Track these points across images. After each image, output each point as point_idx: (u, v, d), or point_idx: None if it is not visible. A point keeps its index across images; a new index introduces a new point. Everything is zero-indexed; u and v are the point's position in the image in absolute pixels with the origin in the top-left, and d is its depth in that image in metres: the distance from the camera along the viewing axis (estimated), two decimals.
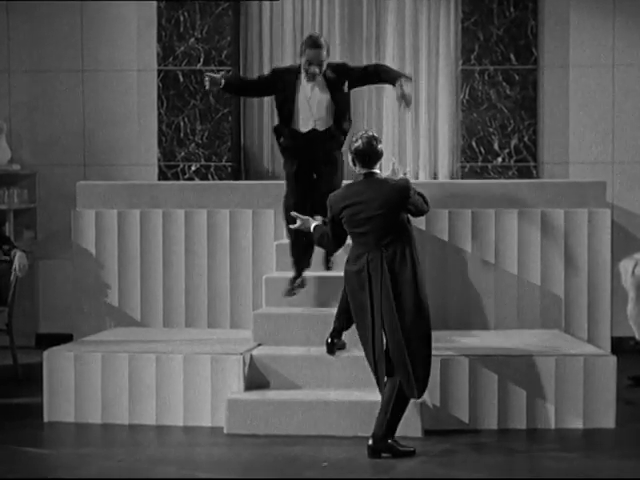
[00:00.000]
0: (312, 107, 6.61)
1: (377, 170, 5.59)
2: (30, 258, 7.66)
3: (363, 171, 5.56)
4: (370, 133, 5.61)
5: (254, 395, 5.87)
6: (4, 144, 8.96)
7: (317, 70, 6.50)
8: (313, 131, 6.60)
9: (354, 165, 5.60)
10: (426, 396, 5.91)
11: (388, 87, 8.99)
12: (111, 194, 7.98)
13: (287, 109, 6.62)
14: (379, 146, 5.57)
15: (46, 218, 9.09)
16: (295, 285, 6.79)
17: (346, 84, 6.62)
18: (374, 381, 5.62)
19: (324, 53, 6.52)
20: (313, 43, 6.49)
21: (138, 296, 7.83)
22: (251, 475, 5.17)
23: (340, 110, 6.64)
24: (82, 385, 6.25)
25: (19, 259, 7.35)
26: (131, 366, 6.21)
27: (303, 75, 6.58)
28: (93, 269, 7.89)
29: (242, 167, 9.19)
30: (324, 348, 6.24)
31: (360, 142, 5.53)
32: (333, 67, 6.63)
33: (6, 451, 5.65)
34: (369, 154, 5.52)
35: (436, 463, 5.38)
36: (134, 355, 6.24)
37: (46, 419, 6.30)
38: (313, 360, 6.22)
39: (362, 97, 9.08)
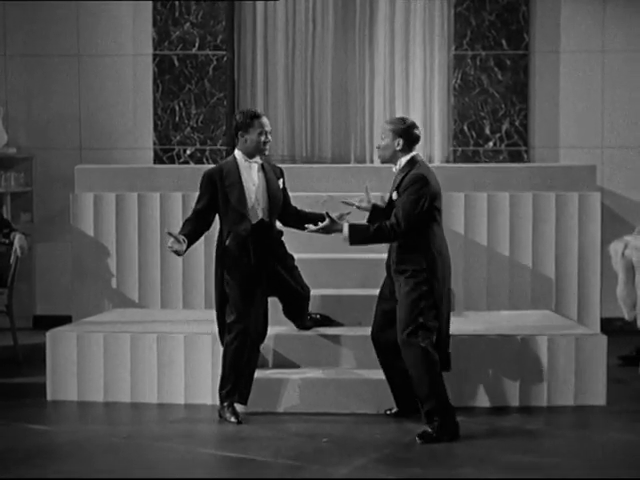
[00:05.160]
0: None
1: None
2: (29, 241, 7.75)
3: (412, 153, 5.67)
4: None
5: (254, 374, 5.97)
6: (1, 128, 9.02)
7: None
8: None
9: (405, 148, 5.64)
10: None
11: (379, 67, 9.20)
12: (109, 177, 8.09)
13: None
14: None
15: (43, 201, 9.17)
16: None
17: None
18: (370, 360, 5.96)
19: None
20: None
21: (136, 278, 7.97)
22: (253, 450, 5.29)
23: None
24: (84, 364, 6.37)
25: (19, 241, 7.44)
26: (133, 346, 6.34)
27: None
28: (92, 252, 8.01)
29: None
30: (321, 329, 6.43)
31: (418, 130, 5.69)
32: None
33: (12, 427, 5.79)
34: None
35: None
36: (136, 335, 6.36)
37: (49, 398, 6.41)
38: (311, 340, 6.34)
39: (354, 83, 9.19)
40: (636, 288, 7.16)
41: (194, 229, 5.91)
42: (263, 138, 5.89)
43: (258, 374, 6.01)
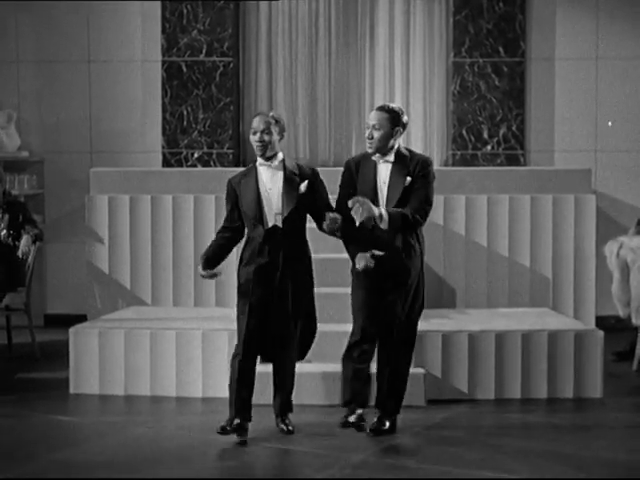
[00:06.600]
0: None
1: None
2: (37, 246, 7.87)
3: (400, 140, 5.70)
4: None
5: (267, 368, 6.23)
6: (13, 132, 9.29)
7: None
8: None
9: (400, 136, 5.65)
10: (429, 368, 6.41)
11: (379, 74, 9.51)
12: (123, 180, 8.38)
13: None
14: None
15: (54, 203, 9.43)
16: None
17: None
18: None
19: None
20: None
21: (149, 277, 8.25)
22: (272, 439, 5.58)
23: None
24: (106, 359, 6.66)
25: (24, 242, 7.59)
26: (152, 342, 6.62)
27: None
28: (106, 252, 8.29)
29: (242, 154, 9.58)
30: (327, 325, 6.70)
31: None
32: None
33: (37, 419, 6.07)
34: None
35: (438, 428, 5.87)
36: (155, 331, 6.65)
37: (72, 391, 6.70)
38: (322, 336, 6.54)
39: (355, 88, 9.48)
40: (630, 286, 7.48)
41: (224, 242, 5.69)
42: (253, 137, 5.63)
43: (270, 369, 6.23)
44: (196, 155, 9.31)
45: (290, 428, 5.71)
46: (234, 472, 5.14)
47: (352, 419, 5.63)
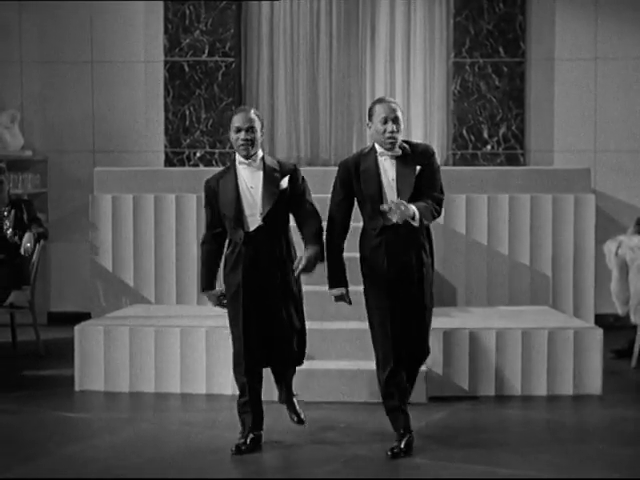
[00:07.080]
0: None
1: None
2: (41, 243, 7.94)
3: None
4: None
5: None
6: (17, 131, 9.36)
7: None
8: None
9: None
10: (431, 366, 6.48)
11: (380, 74, 9.59)
12: (126, 179, 8.45)
13: None
14: None
15: (57, 202, 9.51)
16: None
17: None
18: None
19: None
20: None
21: (152, 276, 8.32)
22: (279, 434, 5.66)
23: None
24: (111, 357, 6.73)
25: (26, 239, 7.67)
26: (157, 339, 6.70)
27: None
28: (109, 250, 8.36)
29: None
30: (335, 323, 6.78)
31: None
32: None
33: (43, 415, 6.14)
34: None
35: (440, 425, 5.94)
36: (159, 329, 6.73)
37: (77, 388, 6.77)
38: (325, 333, 6.70)
39: (356, 88, 9.54)
40: (629, 285, 7.55)
41: (213, 258, 5.50)
42: (236, 135, 5.34)
43: None
44: (198, 154, 9.38)
45: (302, 417, 5.64)
46: (238, 468, 5.21)
47: (402, 446, 5.33)
